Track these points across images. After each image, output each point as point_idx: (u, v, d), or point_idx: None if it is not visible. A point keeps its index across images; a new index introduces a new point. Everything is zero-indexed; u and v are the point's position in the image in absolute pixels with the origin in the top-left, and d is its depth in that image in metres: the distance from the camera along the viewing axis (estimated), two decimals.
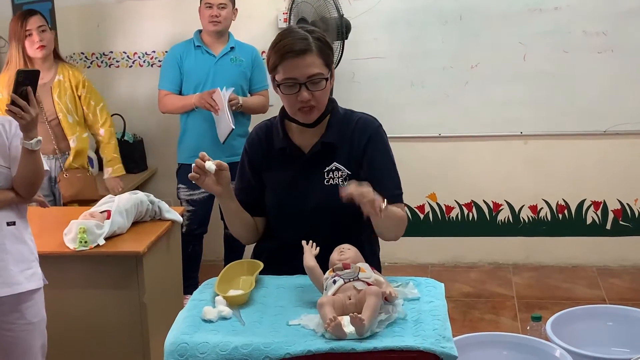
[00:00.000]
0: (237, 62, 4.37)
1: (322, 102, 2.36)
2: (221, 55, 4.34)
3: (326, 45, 2.35)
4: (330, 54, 2.36)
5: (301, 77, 2.28)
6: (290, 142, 2.43)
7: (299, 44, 2.28)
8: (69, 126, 4.01)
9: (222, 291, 2.28)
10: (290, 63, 2.28)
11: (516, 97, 4.75)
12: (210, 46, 4.35)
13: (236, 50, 4.37)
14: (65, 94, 4.00)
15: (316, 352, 1.96)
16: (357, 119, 2.46)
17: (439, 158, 4.93)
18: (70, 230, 3.11)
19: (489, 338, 2.93)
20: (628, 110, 4.70)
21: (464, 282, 4.77)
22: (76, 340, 3.20)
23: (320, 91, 2.31)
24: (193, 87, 4.32)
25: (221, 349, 1.99)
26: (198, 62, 4.33)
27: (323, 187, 2.41)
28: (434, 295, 2.29)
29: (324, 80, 2.31)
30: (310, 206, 2.40)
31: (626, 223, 4.87)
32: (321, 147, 2.41)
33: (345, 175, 2.41)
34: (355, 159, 2.41)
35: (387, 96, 4.72)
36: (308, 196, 2.41)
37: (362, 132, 2.43)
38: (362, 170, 2.41)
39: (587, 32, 4.63)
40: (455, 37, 4.74)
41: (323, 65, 2.31)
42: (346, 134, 2.42)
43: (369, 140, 2.42)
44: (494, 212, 4.98)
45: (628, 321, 3.14)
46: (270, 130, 2.48)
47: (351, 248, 2.34)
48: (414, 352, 1.96)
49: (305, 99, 2.29)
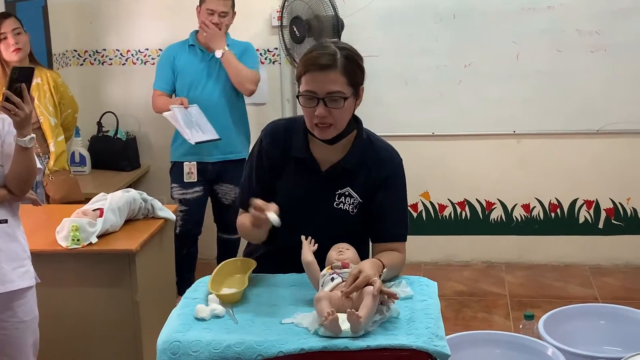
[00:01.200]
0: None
1: (340, 122, 2.31)
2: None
3: (354, 64, 2.31)
4: (358, 74, 2.32)
5: (320, 91, 2.26)
6: (310, 155, 2.40)
7: (325, 58, 2.26)
8: (51, 129, 3.95)
9: (215, 289, 2.29)
10: (312, 76, 2.26)
11: (509, 96, 4.75)
12: (205, 46, 4.32)
13: (230, 47, 4.31)
14: (44, 97, 3.95)
15: (309, 350, 1.96)
16: (380, 149, 2.43)
17: (433, 157, 4.94)
18: (63, 228, 3.10)
19: (481, 337, 2.94)
20: (621, 110, 4.71)
21: (457, 281, 4.77)
22: (68, 338, 3.19)
23: (339, 110, 2.27)
24: (187, 85, 4.29)
25: (214, 347, 1.99)
26: (191, 60, 4.30)
27: (332, 209, 2.41)
28: (426, 293, 2.30)
29: (343, 99, 2.27)
30: (315, 224, 2.38)
31: (618, 222, 4.88)
32: (339, 170, 2.40)
33: (357, 203, 2.41)
34: (370, 189, 2.41)
35: (381, 94, 4.72)
36: (315, 213, 2.40)
37: (383, 165, 2.41)
38: (373, 202, 2.41)
39: (580, 31, 4.64)
40: (449, 35, 4.74)
41: (346, 84, 2.27)
42: (366, 162, 2.40)
43: (388, 176, 2.41)
44: (487, 210, 4.98)
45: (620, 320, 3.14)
46: (290, 133, 2.43)
47: (350, 248, 2.35)
48: (406, 351, 1.97)
49: (321, 115, 2.26)
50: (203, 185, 4.37)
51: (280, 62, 4.88)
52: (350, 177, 2.40)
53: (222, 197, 4.42)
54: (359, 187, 2.40)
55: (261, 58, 4.91)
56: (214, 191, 4.43)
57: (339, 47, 2.31)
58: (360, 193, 2.41)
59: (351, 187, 2.40)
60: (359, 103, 2.37)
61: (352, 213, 2.41)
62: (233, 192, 4.34)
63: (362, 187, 2.40)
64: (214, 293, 2.25)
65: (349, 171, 2.39)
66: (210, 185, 4.41)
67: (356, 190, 2.40)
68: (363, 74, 2.35)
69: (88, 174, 4.87)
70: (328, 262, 2.31)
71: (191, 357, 1.99)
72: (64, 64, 4.94)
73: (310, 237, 2.33)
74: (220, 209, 4.48)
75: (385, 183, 2.41)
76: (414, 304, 2.22)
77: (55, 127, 3.98)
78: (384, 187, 2.40)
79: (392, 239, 2.43)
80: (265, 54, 4.92)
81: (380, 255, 2.36)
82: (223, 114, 4.30)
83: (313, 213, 2.39)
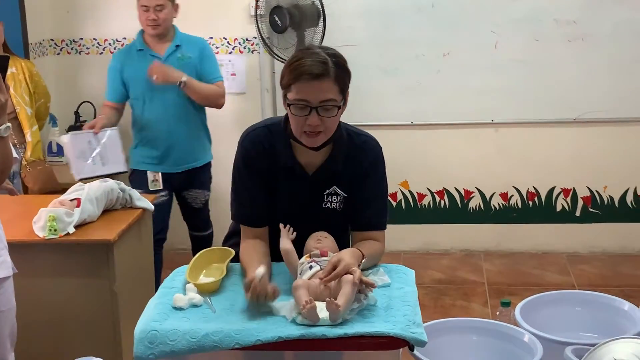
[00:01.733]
0: (185, 60, 4.03)
1: (331, 129, 2.30)
2: (167, 55, 4.01)
3: (344, 71, 2.29)
4: (347, 81, 2.30)
5: (314, 100, 2.22)
6: (296, 162, 2.38)
7: (318, 67, 2.21)
8: (27, 119, 3.92)
9: (193, 279, 2.28)
10: (305, 85, 2.21)
11: (488, 86, 4.77)
12: (154, 47, 4.02)
13: (182, 48, 4.04)
14: (20, 87, 3.91)
15: (287, 338, 1.97)
16: (362, 143, 2.42)
17: (412, 146, 4.95)
18: (40, 218, 3.08)
19: (458, 324, 2.95)
20: (598, 99, 4.74)
21: (435, 269, 4.80)
22: (46, 328, 3.17)
23: (331, 118, 2.25)
24: (140, 96, 4.03)
25: (191, 335, 1.99)
26: (142, 67, 3.95)
27: (320, 210, 2.41)
28: (404, 281, 2.32)
29: (337, 107, 2.25)
30: (305, 225, 2.37)
31: (595, 210, 4.93)
32: (326, 172, 2.39)
33: (342, 198, 2.41)
34: (354, 182, 2.41)
35: (360, 84, 4.67)
36: (305, 216, 2.39)
37: (363, 155, 2.41)
38: (356, 193, 2.41)
39: (558, 20, 4.66)
40: (428, 25, 4.75)
41: (338, 92, 2.25)
42: (350, 158, 2.40)
43: (369, 165, 2.41)
44: (466, 199, 5.01)
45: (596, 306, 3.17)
46: (272, 140, 2.38)
47: (328, 237, 2.36)
48: (384, 338, 1.98)
49: (314, 124, 2.23)
50: (168, 190, 4.16)
51: (259, 51, 4.87)
52: (336, 176, 2.40)
53: (192, 202, 4.27)
54: (344, 184, 2.41)
55: (239, 47, 4.90)
56: (182, 197, 4.26)
57: (329, 54, 2.27)
58: (345, 188, 2.41)
59: (337, 185, 2.40)
60: (344, 109, 2.34)
61: (338, 210, 2.42)
62: (202, 195, 4.25)
63: (347, 182, 2.41)
64: (191, 282, 2.25)
65: (335, 171, 2.39)
66: (177, 191, 4.23)
67: (343, 186, 2.41)
68: (350, 79, 2.33)
69: (65, 164, 4.82)
70: (306, 250, 2.32)
71: (168, 346, 1.99)
72: (40, 53, 4.90)
73: (288, 225, 2.34)
74: (191, 213, 4.34)
75: (366, 172, 2.41)
76: (392, 291, 2.23)
77: (31, 117, 3.96)
78: (365, 176, 2.41)
79: (371, 227, 2.44)
80: (244, 43, 4.91)
81: (359, 244, 2.37)
82: (181, 122, 4.07)
83: (303, 216, 2.39)
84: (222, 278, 2.30)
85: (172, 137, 4.07)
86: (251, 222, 2.42)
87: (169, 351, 1.99)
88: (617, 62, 4.67)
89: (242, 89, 4.94)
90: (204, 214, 4.39)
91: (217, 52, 4.88)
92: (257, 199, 2.40)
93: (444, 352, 2.75)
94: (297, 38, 4.38)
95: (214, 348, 1.97)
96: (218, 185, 4.42)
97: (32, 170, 3.91)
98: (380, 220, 2.46)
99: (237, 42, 4.91)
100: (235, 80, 4.94)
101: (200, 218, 4.40)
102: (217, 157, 4.34)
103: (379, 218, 2.45)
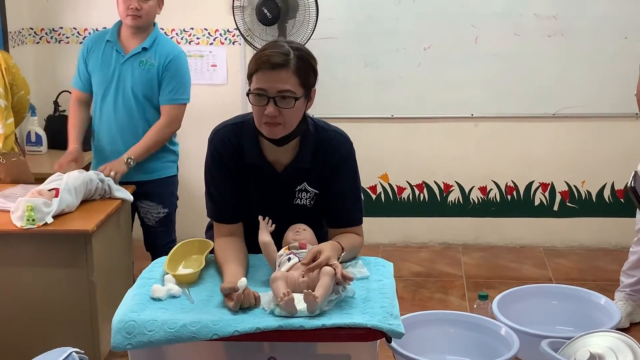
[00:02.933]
0: (146, 65, 3.67)
1: (290, 122, 2.28)
2: (130, 55, 3.67)
3: (307, 65, 2.29)
4: (311, 76, 2.30)
5: (271, 90, 2.23)
6: (265, 160, 2.38)
7: (278, 57, 2.23)
8: (0, 111, 3.86)
9: (171, 270, 2.28)
10: (263, 74, 2.23)
11: (468, 80, 4.79)
12: (125, 42, 3.70)
13: (149, 52, 3.68)
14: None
15: (265, 329, 1.97)
16: (330, 139, 2.41)
17: (391, 139, 4.96)
18: (18, 208, 3.06)
19: (436, 316, 2.98)
20: (577, 94, 4.77)
21: (414, 262, 4.82)
22: (23, 318, 3.16)
23: (289, 110, 2.25)
24: (99, 87, 3.73)
25: (169, 326, 1.99)
26: (105, 60, 3.70)
27: (291, 206, 2.42)
28: (382, 274, 2.33)
29: (294, 99, 2.25)
30: (275, 220, 2.37)
31: (573, 204, 4.97)
32: (295, 169, 2.39)
33: (313, 195, 2.41)
34: (324, 178, 2.41)
35: (341, 76, 4.73)
36: (276, 213, 2.39)
37: (333, 151, 2.40)
38: (328, 190, 2.41)
39: (538, 15, 4.69)
40: (408, 18, 4.75)
41: (298, 85, 2.25)
42: (318, 155, 2.39)
43: (339, 162, 2.41)
44: (445, 192, 5.03)
45: (573, 300, 3.21)
46: (240, 138, 2.38)
47: (307, 229, 2.37)
48: (361, 329, 1.99)
49: (271, 114, 2.23)
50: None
51: (241, 42, 4.86)
52: (306, 173, 2.40)
53: (144, 216, 3.84)
54: (314, 180, 2.41)
55: (220, 39, 4.88)
56: (136, 207, 3.81)
57: (292, 47, 2.28)
58: (315, 185, 2.41)
59: (307, 181, 2.40)
60: (310, 105, 2.35)
61: (309, 206, 2.43)
62: (155, 210, 3.81)
63: (317, 179, 2.41)
64: (170, 273, 2.25)
65: (304, 168, 2.39)
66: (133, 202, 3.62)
67: (313, 183, 2.41)
68: (316, 76, 2.33)
69: (44, 153, 4.80)
70: (285, 242, 2.32)
71: (146, 336, 1.99)
72: (19, 42, 4.86)
73: (267, 218, 2.34)
74: (147, 232, 3.91)
75: (337, 169, 2.41)
76: (370, 283, 2.24)
77: (5, 109, 3.86)
78: (336, 173, 2.41)
79: (347, 224, 2.45)
80: (225, 34, 4.89)
81: (338, 237, 2.37)
82: (136, 130, 3.72)
83: (274, 213, 2.38)
84: (200, 269, 2.30)
85: (117, 146, 3.73)
86: (224, 219, 2.43)
87: (146, 341, 1.99)
88: (597, 57, 4.70)
89: (223, 81, 4.93)
90: (163, 239, 3.87)
91: (197, 44, 4.88)
92: (228, 197, 2.41)
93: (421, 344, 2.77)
94: (278, 30, 4.37)
95: (192, 338, 1.97)
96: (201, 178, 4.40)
97: (5, 162, 3.83)
98: (356, 216, 2.47)
99: (218, 34, 4.89)
100: (216, 72, 4.92)
101: (159, 242, 3.87)
102: (198, 150, 4.31)
103: (354, 214, 2.47)
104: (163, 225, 3.87)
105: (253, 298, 2.09)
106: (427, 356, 2.60)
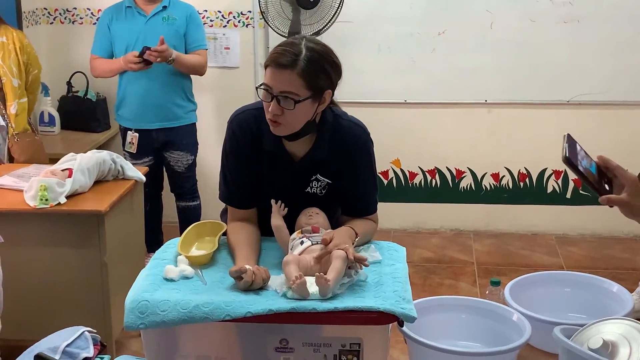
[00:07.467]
0: (169, 20, 4.15)
1: (292, 123, 2.26)
2: (152, 14, 4.14)
3: (319, 68, 2.23)
4: (321, 78, 2.24)
5: (275, 88, 2.21)
6: (283, 148, 2.36)
7: (286, 57, 2.19)
8: (13, 90, 3.84)
9: (184, 251, 2.28)
10: (271, 71, 2.22)
11: (482, 65, 4.77)
12: (142, 6, 4.16)
13: (169, 9, 4.16)
14: (9, 57, 3.82)
15: (277, 311, 1.97)
16: (347, 128, 2.39)
17: (404, 124, 4.95)
18: (31, 187, 3.08)
19: (448, 302, 2.95)
20: (591, 81, 4.74)
21: (425, 248, 4.82)
22: (35, 298, 3.18)
23: (290, 110, 2.22)
24: (124, 49, 4.12)
25: (182, 307, 1.98)
26: (128, 23, 4.14)
27: (302, 194, 2.40)
28: (395, 258, 2.32)
29: (294, 101, 2.20)
30: (288, 209, 2.36)
31: (586, 192, 4.94)
32: (311, 161, 2.37)
33: (325, 184, 2.40)
34: (340, 169, 2.39)
35: (354, 61, 4.70)
36: (287, 200, 2.37)
37: (350, 144, 2.38)
38: (342, 181, 2.39)
39: (554, 1, 4.65)
40: (423, 3, 4.73)
41: (302, 87, 2.20)
42: (335, 146, 2.37)
43: (356, 154, 2.39)
44: (457, 179, 5.02)
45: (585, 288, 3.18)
46: (260, 125, 2.36)
47: (320, 212, 2.36)
48: (374, 313, 1.98)
49: (272, 112, 2.22)
50: (152, 155, 4.29)
51: (254, 25, 4.84)
52: (323, 164, 2.39)
53: (174, 164, 4.33)
54: (329, 170, 2.39)
55: (234, 21, 4.87)
56: (164, 159, 4.34)
57: (307, 48, 2.23)
58: (329, 175, 2.39)
59: (321, 172, 2.39)
60: (322, 107, 2.31)
61: (320, 195, 2.42)
62: (184, 158, 4.31)
63: (332, 169, 2.39)
64: (183, 254, 2.25)
65: (321, 159, 2.38)
66: (160, 152, 4.32)
67: (326, 174, 2.39)
68: (329, 78, 2.27)
69: (57, 134, 4.82)
70: (298, 226, 2.32)
71: (159, 316, 1.98)
72: (33, 22, 4.86)
73: (280, 202, 2.34)
74: (175, 177, 4.40)
75: (352, 160, 2.39)
76: (382, 268, 2.23)
77: (18, 89, 3.87)
78: (352, 164, 2.39)
79: (361, 214, 2.45)
80: (238, 17, 4.88)
81: (352, 222, 2.37)
82: (162, 80, 4.17)
83: (285, 199, 2.37)
84: (213, 251, 2.30)
85: (148, 93, 4.16)
86: (237, 203, 2.42)
87: (159, 321, 1.98)
88: (612, 44, 4.67)
89: (236, 63, 4.92)
90: (189, 182, 4.41)
91: (211, 26, 4.86)
92: (243, 182, 2.40)
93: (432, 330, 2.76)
94: (293, 13, 4.35)
95: (204, 319, 1.97)
96: (213, 162, 4.41)
97: (20, 141, 3.84)
98: (371, 207, 2.47)
99: (232, 16, 4.88)
100: (229, 54, 4.91)
101: (185, 185, 4.40)
102: (209, 132, 4.32)
103: (369, 205, 2.46)
104: (190, 170, 4.38)
105: (265, 273, 2.09)
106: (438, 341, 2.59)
